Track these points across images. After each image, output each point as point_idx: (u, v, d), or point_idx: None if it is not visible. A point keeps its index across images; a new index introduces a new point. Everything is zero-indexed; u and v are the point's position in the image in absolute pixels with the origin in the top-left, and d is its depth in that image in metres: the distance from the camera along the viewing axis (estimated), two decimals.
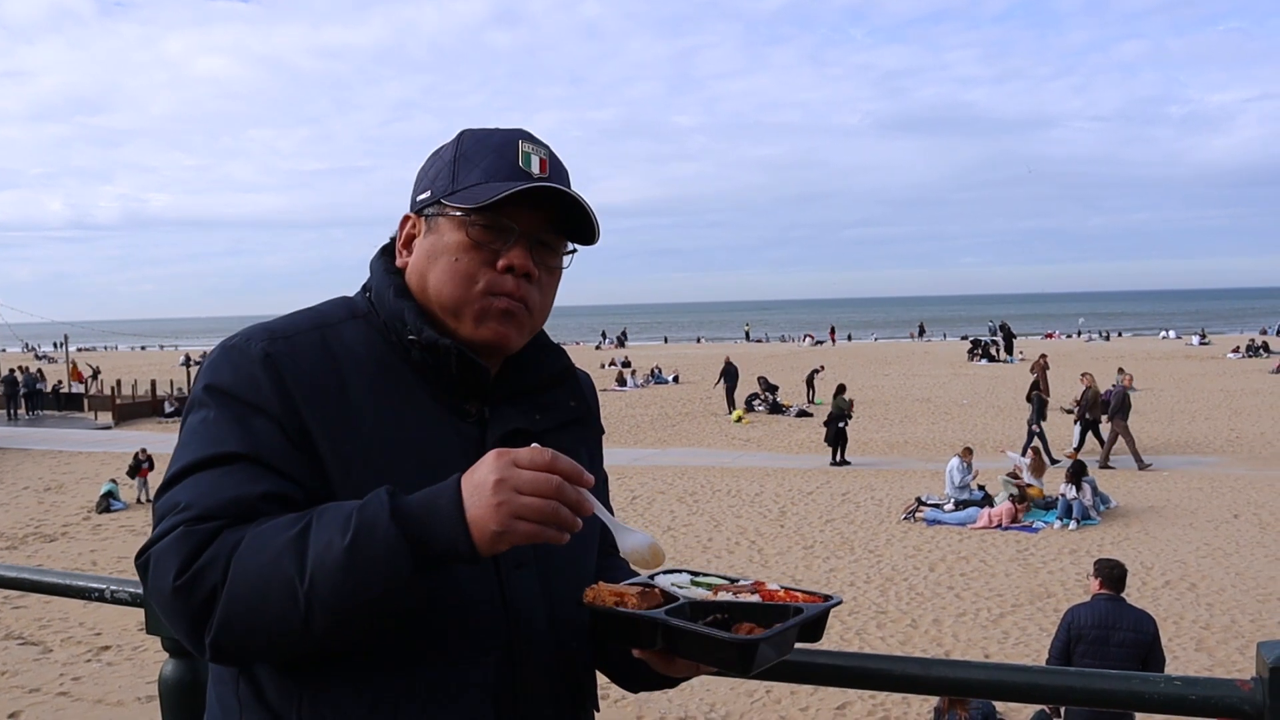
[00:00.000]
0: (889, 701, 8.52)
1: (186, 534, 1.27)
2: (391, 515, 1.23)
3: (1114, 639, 6.71)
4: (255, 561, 1.24)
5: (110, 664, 9.72)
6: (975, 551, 13.81)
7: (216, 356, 1.42)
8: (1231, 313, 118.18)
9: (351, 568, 1.21)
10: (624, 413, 29.01)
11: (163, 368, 48.55)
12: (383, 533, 1.22)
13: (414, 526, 1.23)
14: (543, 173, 1.46)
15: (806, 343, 66.86)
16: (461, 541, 1.23)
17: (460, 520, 1.23)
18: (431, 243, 1.47)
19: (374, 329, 1.47)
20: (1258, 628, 10.21)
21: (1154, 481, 18.32)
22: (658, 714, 8.32)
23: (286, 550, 1.24)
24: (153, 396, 34.80)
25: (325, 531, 1.24)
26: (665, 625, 1.33)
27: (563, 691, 1.51)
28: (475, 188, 1.42)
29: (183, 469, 1.34)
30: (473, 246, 1.43)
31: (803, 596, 1.44)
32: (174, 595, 1.26)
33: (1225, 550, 13.32)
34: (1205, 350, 50.62)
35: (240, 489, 1.31)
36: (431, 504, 1.25)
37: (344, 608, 1.23)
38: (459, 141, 1.49)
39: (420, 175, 1.52)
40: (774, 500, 17.30)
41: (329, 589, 1.22)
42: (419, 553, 1.23)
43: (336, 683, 1.35)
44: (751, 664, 1.30)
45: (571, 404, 1.60)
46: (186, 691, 2.18)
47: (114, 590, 2.28)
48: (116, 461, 21.70)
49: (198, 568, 1.25)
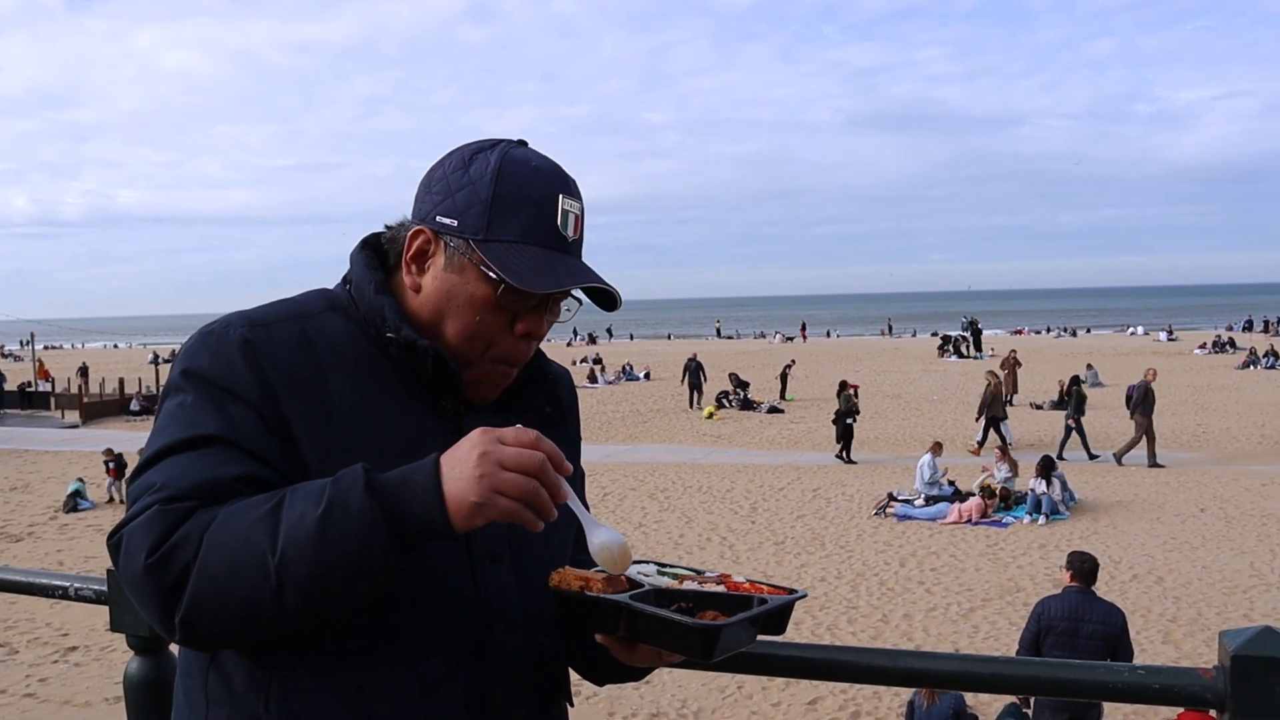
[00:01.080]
0: (860, 696, 8.56)
1: (160, 513, 1.26)
2: (366, 488, 1.22)
3: (1083, 631, 6.78)
4: (228, 537, 1.23)
5: (77, 664, 9.62)
6: (945, 546, 13.90)
7: (194, 342, 1.41)
8: (1198, 309, 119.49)
9: (324, 541, 1.20)
10: (595, 410, 28.99)
11: (131, 366, 48.04)
12: (356, 505, 1.21)
13: (389, 500, 1.22)
14: (576, 234, 1.45)
15: (777, 339, 67.07)
16: (437, 515, 1.22)
17: (437, 494, 1.22)
18: (452, 283, 1.43)
19: (353, 322, 1.46)
20: (1223, 619, 10.33)
21: (1122, 476, 18.50)
22: (629, 710, 8.32)
23: (259, 525, 1.23)
24: (120, 395, 34.43)
25: (298, 505, 1.23)
26: (629, 610, 1.33)
27: (535, 687, 1.51)
28: (511, 247, 1.39)
29: (158, 452, 1.33)
30: (496, 307, 1.42)
31: (768, 589, 1.44)
32: (145, 573, 1.24)
33: (1191, 544, 13.47)
34: (1172, 346, 51.14)
35: (216, 470, 1.30)
36: (408, 478, 1.24)
37: (316, 583, 1.21)
38: (498, 176, 1.41)
39: (442, 188, 1.45)
40: (745, 496, 17.34)
41: (301, 563, 1.21)
42: (394, 527, 1.21)
43: (307, 676, 1.35)
44: (714, 650, 1.31)
45: (548, 408, 1.60)
46: (151, 689, 2.17)
47: (78, 588, 2.26)
48: (84, 460, 21.48)
49: (170, 545, 1.24)
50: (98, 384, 36.30)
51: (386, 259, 1.52)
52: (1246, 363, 38.77)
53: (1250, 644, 1.51)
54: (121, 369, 43.77)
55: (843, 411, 21.25)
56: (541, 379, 1.60)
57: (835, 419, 21.46)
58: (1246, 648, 1.51)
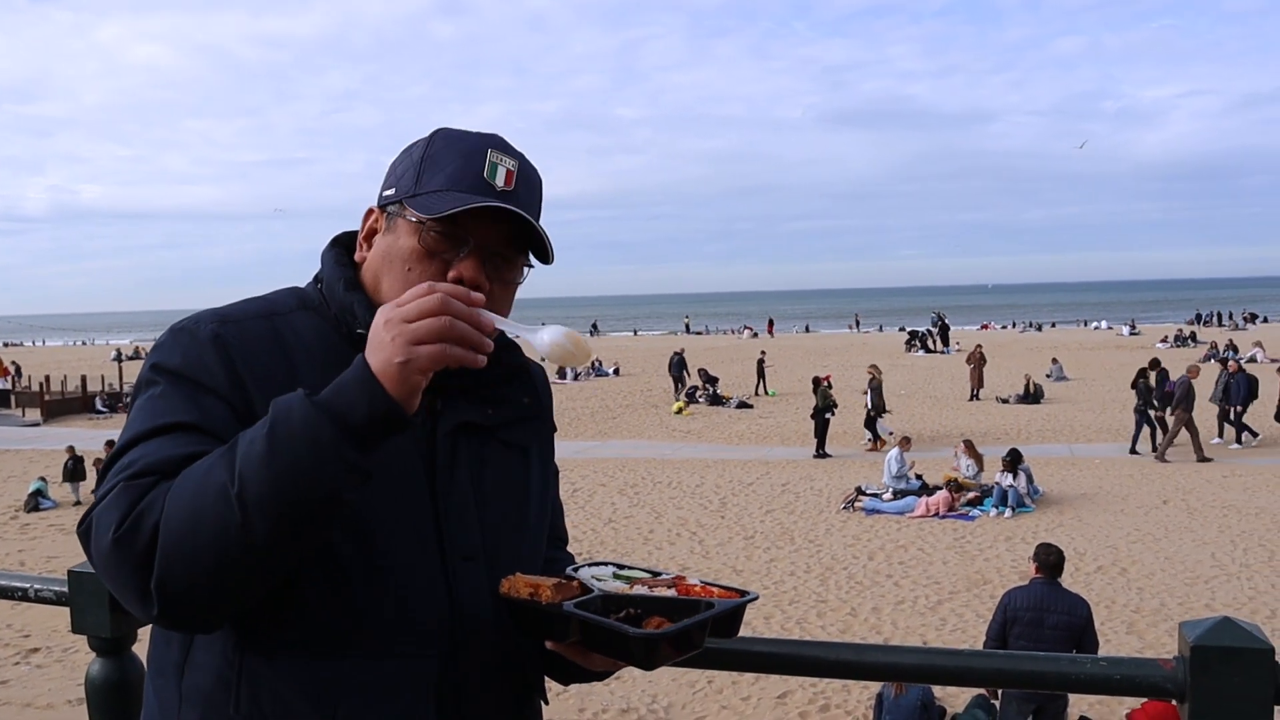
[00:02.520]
0: (829, 690, 8.60)
1: (124, 488, 1.25)
2: (305, 396, 1.23)
3: (1048, 622, 6.84)
4: (188, 486, 1.23)
5: (39, 666, 9.51)
6: (913, 540, 13.99)
7: (165, 339, 1.41)
8: (1163, 303, 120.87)
9: (273, 453, 1.20)
10: (565, 405, 28.93)
11: (94, 363, 47.52)
12: (299, 410, 1.22)
13: (327, 403, 1.23)
14: (508, 185, 1.44)
15: (745, 334, 67.28)
16: (377, 395, 1.22)
17: (367, 375, 1.23)
18: (388, 244, 1.46)
19: (324, 320, 1.46)
20: (1185, 609, 10.46)
21: (1086, 469, 18.69)
22: (600, 706, 8.32)
23: (216, 464, 1.23)
24: (83, 393, 34.05)
25: (247, 434, 1.24)
26: (576, 618, 1.34)
27: (508, 685, 1.51)
28: (435, 194, 1.41)
29: (129, 441, 1.33)
30: (425, 255, 1.42)
31: (719, 592, 1.44)
32: (114, 547, 1.22)
33: (1155, 535, 13.63)
34: (1135, 340, 51.67)
35: (184, 449, 1.29)
36: (340, 381, 1.26)
37: (277, 501, 1.19)
38: (430, 141, 1.47)
39: (390, 169, 1.51)
40: (715, 491, 17.38)
41: (258, 483, 1.19)
42: (338, 423, 1.21)
43: (277, 675, 1.34)
44: (654, 659, 1.31)
45: (525, 400, 1.60)
46: (114, 691, 2.14)
47: (38, 589, 2.22)
48: (45, 459, 21.23)
49: (136, 513, 1.23)
50: (59, 382, 35.81)
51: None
52: (1208, 356, 39.22)
53: (1209, 634, 1.53)
54: (85, 366, 43.28)
55: (820, 407, 21.34)
56: (520, 373, 1.60)
57: (814, 414, 21.54)
58: (1205, 638, 1.53)
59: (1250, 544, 13.06)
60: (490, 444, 1.52)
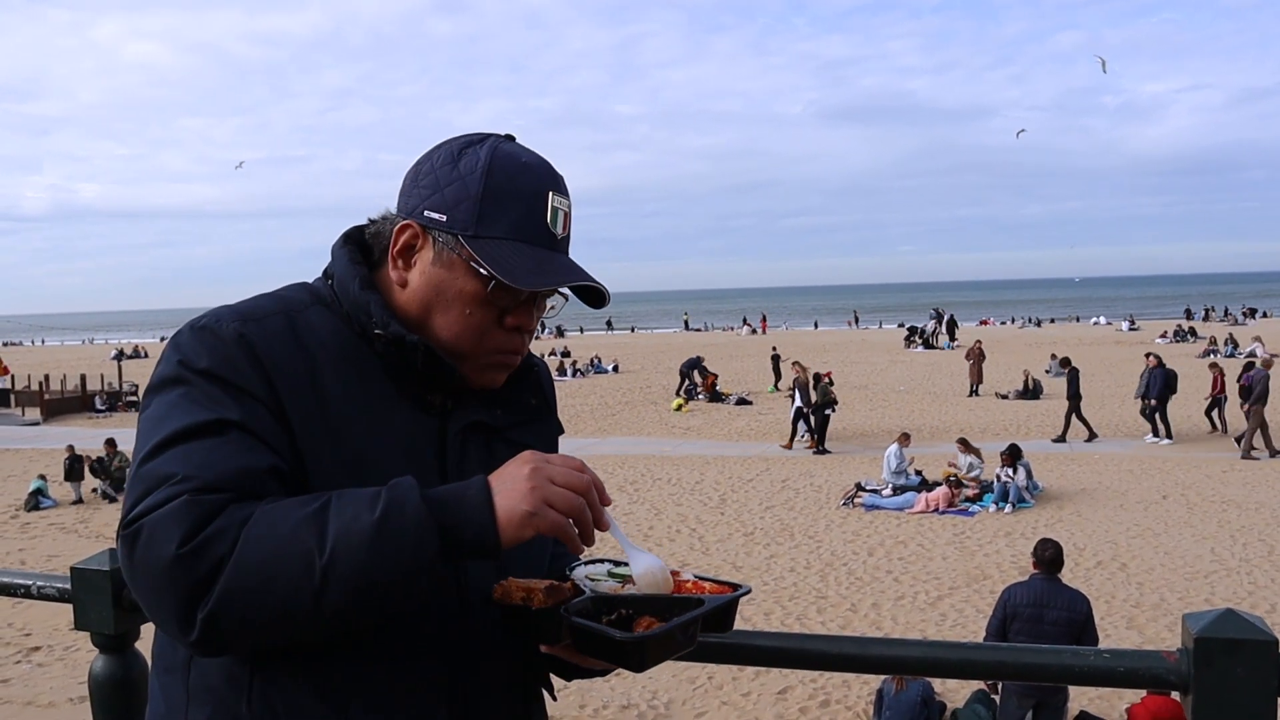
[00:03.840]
0: (830, 685, 8.61)
1: (191, 503, 1.20)
2: (423, 497, 1.23)
3: (1048, 617, 6.85)
4: (270, 534, 1.20)
5: (41, 664, 9.51)
6: (913, 536, 14.00)
7: (187, 337, 1.36)
8: (1164, 299, 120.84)
9: (378, 544, 1.19)
10: (565, 402, 28.92)
11: (93, 362, 47.49)
12: (413, 511, 1.21)
13: (442, 510, 1.23)
14: (565, 231, 1.46)
15: (744, 331, 67.28)
16: (489, 528, 1.24)
17: (489, 507, 1.24)
18: (440, 278, 1.42)
19: (338, 317, 1.44)
20: (1186, 604, 10.47)
21: (1085, 464, 18.69)
22: (600, 702, 8.33)
23: (305, 523, 1.20)
24: (83, 392, 34.01)
25: (350, 507, 1.22)
26: (564, 623, 1.34)
27: (515, 682, 1.51)
28: (501, 244, 1.39)
29: (168, 438, 1.27)
30: (486, 302, 1.41)
31: (711, 587, 1.44)
32: (174, 564, 1.17)
33: (1154, 530, 13.64)
34: (1135, 336, 51.69)
35: (245, 460, 1.26)
36: (459, 492, 1.26)
37: (362, 586, 1.20)
38: (488, 172, 1.40)
39: (430, 182, 1.43)
40: (714, 488, 17.38)
41: (351, 564, 1.19)
42: (445, 537, 1.22)
43: (289, 674, 1.33)
44: (643, 661, 1.31)
45: (533, 401, 1.60)
46: (117, 688, 2.14)
47: (40, 586, 2.22)
48: (45, 458, 21.21)
49: (204, 537, 1.19)
50: (58, 380, 35.79)
51: (370, 253, 1.50)
52: (1207, 351, 39.23)
53: (1212, 626, 1.53)
54: (84, 365, 43.24)
55: (820, 403, 21.33)
56: (527, 372, 1.60)
57: (814, 410, 21.55)
58: (1209, 630, 1.53)
59: (1250, 539, 13.07)
60: (498, 443, 1.52)
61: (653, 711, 8.23)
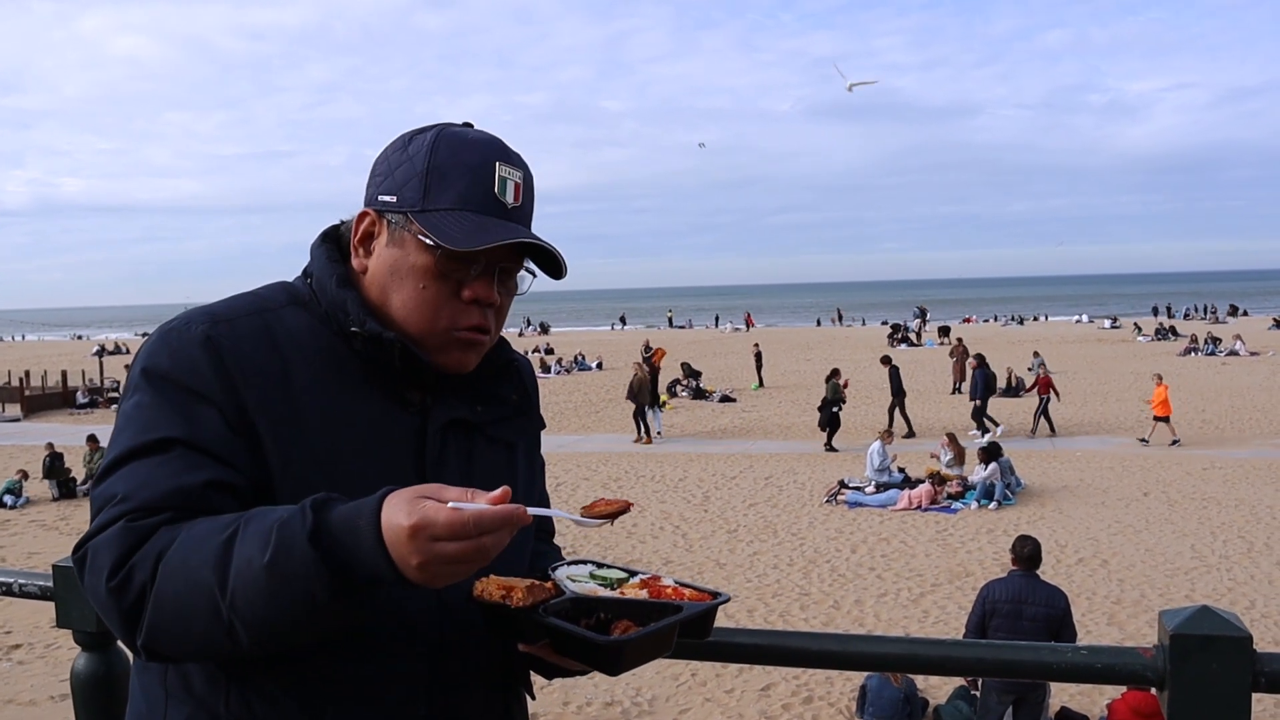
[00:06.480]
0: (812, 682, 8.64)
1: (126, 530, 1.24)
2: (309, 538, 1.15)
3: (1026, 613, 6.90)
4: (182, 567, 1.20)
5: (22, 662, 9.46)
6: (896, 533, 14.05)
7: (154, 340, 1.38)
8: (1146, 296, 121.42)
9: (270, 586, 1.16)
10: (548, 399, 28.89)
11: (74, 358, 47.18)
12: (300, 555, 1.15)
13: (335, 549, 1.16)
14: (516, 201, 1.44)
15: (728, 328, 67.36)
16: (383, 569, 1.15)
17: (379, 550, 1.14)
18: (395, 258, 1.42)
19: (315, 316, 1.44)
20: (1165, 600, 10.55)
21: (1068, 461, 18.79)
22: (584, 699, 8.34)
23: (211, 560, 1.19)
24: (64, 388, 33.79)
25: (248, 545, 1.18)
26: (541, 624, 1.34)
27: (495, 682, 1.51)
28: (447, 214, 1.38)
29: (118, 457, 1.30)
30: (439, 275, 1.40)
31: (691, 594, 1.44)
32: (108, 596, 1.24)
33: (1135, 527, 13.73)
34: (1116, 334, 51.96)
35: (181, 478, 1.27)
36: (353, 525, 1.16)
37: (264, 627, 1.19)
38: (433, 149, 1.41)
39: (383, 168, 1.45)
40: (698, 485, 17.40)
41: (249, 608, 1.18)
42: (338, 579, 1.15)
43: (267, 674, 1.34)
44: (618, 665, 1.32)
45: (514, 397, 1.60)
46: (100, 685, 2.13)
47: (22, 584, 2.21)
48: (25, 454, 21.07)
49: (129, 567, 1.22)
50: (39, 376, 35.56)
51: (348, 252, 1.51)
52: (1188, 349, 39.46)
53: (1188, 623, 1.55)
54: (65, 361, 42.97)
55: (829, 400, 21.35)
56: (508, 368, 1.60)
57: (821, 407, 21.53)
58: (1185, 627, 1.55)
59: (1230, 536, 13.17)
60: (478, 440, 1.52)
61: (636, 709, 8.25)
